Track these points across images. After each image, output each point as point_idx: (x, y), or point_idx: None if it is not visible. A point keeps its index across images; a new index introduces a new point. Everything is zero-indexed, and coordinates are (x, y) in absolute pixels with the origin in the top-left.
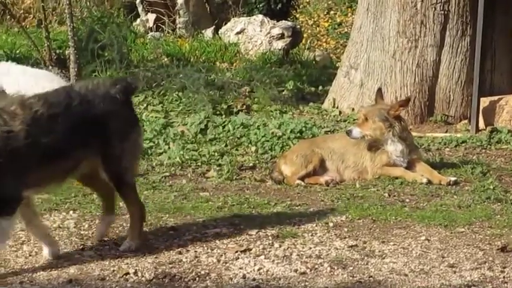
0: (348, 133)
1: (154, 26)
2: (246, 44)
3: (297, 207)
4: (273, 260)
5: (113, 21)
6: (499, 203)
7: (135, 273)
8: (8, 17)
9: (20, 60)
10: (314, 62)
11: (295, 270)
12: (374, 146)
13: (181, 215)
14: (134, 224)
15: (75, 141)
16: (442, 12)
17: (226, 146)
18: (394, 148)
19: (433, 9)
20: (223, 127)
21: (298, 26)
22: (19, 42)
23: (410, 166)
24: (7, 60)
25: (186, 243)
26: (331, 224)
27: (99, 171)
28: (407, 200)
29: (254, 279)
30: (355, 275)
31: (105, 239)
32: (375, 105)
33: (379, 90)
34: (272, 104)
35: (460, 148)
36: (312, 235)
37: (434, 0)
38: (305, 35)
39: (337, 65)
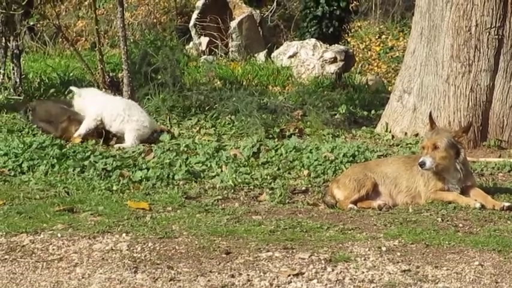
0: (422, 165)
1: (207, 50)
2: (299, 68)
3: (349, 231)
4: (326, 284)
5: (166, 44)
6: None
7: None
8: (61, 39)
9: (73, 83)
10: (366, 86)
11: None
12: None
13: (233, 238)
14: None
15: None
16: (496, 37)
17: (278, 169)
18: (455, 175)
19: (487, 33)
20: (276, 150)
21: (351, 50)
22: (72, 65)
23: (464, 191)
24: (61, 84)
25: (239, 266)
26: (384, 249)
27: None
28: (460, 225)
29: None
30: None
31: (158, 262)
32: (439, 131)
33: (431, 114)
34: (324, 128)
35: None
36: (364, 259)
37: (489, 25)
38: (356, 59)
39: (389, 89)
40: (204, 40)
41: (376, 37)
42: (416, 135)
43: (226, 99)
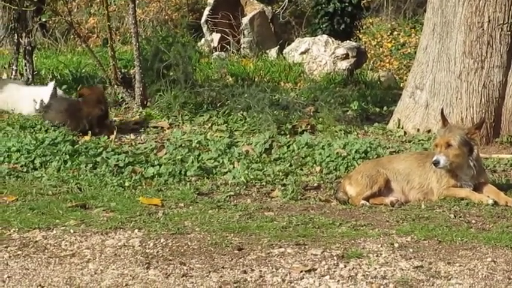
0: (436, 163)
1: (219, 46)
2: (310, 64)
3: (362, 228)
4: (338, 280)
5: (177, 41)
6: None
7: None
8: (73, 36)
9: (86, 79)
10: (378, 83)
11: None
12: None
13: (246, 235)
14: None
15: None
16: (509, 33)
17: (290, 165)
18: (468, 172)
19: (500, 30)
20: (288, 147)
21: (363, 47)
22: (84, 61)
23: (476, 188)
24: (73, 80)
25: (251, 262)
26: (396, 245)
27: None
28: (473, 221)
29: None
30: None
31: (170, 258)
32: (452, 129)
33: (443, 111)
34: (337, 124)
35: None
36: (377, 255)
37: (501, 21)
38: (368, 56)
39: (401, 86)
40: (216, 37)
41: (388, 34)
42: (429, 131)
43: (238, 96)
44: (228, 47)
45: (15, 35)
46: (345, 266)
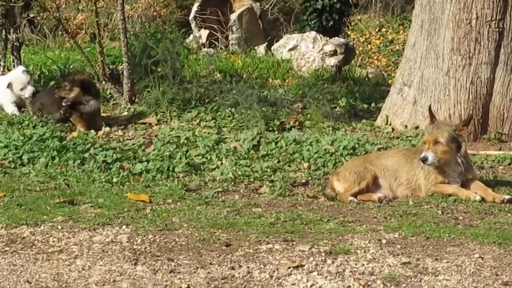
0: (424, 160)
1: (207, 42)
2: (299, 61)
3: (349, 224)
4: (326, 277)
5: (166, 37)
6: None
7: None
8: (61, 32)
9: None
10: (367, 79)
11: (348, 287)
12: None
13: (234, 231)
14: None
15: None
16: (497, 29)
17: (278, 162)
18: (456, 168)
19: (488, 26)
20: (276, 143)
21: (351, 43)
22: (72, 57)
23: (464, 184)
24: (61, 76)
25: (239, 258)
26: (384, 241)
27: None
28: (460, 218)
29: None
30: None
31: (158, 254)
32: (440, 125)
33: (430, 108)
34: (325, 121)
35: None
36: (364, 252)
37: (489, 18)
38: (356, 52)
39: (389, 82)
40: (204, 33)
41: (376, 30)
42: (417, 128)
43: (226, 92)
44: (216, 43)
45: (3, 30)
46: (333, 262)
